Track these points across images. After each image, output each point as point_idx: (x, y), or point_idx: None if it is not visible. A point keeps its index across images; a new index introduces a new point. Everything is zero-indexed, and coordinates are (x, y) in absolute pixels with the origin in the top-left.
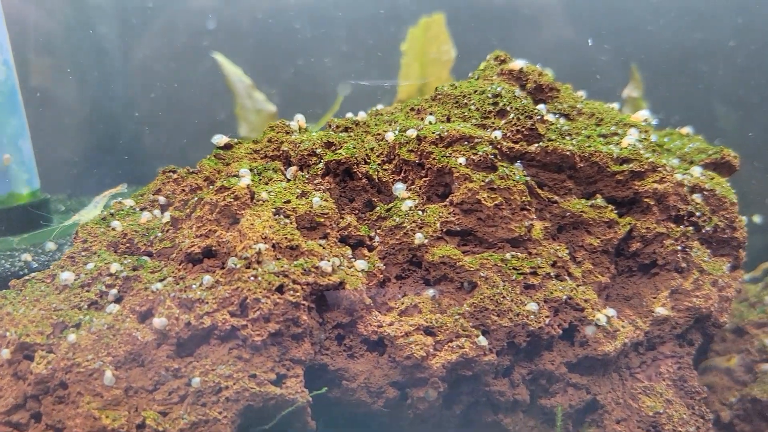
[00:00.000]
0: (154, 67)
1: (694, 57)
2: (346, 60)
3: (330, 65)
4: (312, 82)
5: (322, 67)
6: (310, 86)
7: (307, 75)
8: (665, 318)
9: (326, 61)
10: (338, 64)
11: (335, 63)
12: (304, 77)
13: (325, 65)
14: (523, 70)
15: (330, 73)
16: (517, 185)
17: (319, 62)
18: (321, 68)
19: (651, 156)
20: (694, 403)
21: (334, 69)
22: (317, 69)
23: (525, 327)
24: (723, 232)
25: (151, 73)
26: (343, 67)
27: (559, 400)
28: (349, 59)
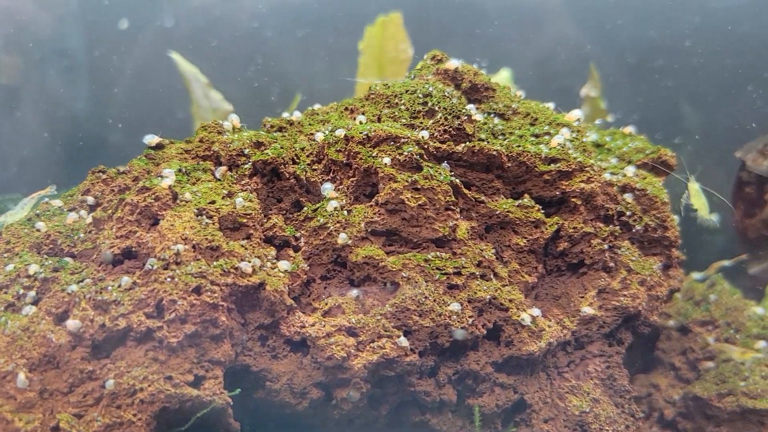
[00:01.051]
0: (113, 65)
1: (653, 56)
2: (307, 59)
3: (291, 64)
4: (273, 81)
5: (283, 66)
6: (270, 85)
7: (268, 74)
8: (592, 317)
9: (287, 60)
10: (299, 62)
11: (296, 62)
12: (265, 76)
13: (286, 64)
14: (459, 69)
15: (291, 72)
16: (442, 185)
17: (279, 61)
18: (282, 67)
19: (579, 156)
20: (623, 402)
21: (295, 68)
22: (278, 68)
23: (448, 327)
24: (654, 232)
25: (111, 71)
26: (304, 66)
27: (486, 400)
28: (310, 58)
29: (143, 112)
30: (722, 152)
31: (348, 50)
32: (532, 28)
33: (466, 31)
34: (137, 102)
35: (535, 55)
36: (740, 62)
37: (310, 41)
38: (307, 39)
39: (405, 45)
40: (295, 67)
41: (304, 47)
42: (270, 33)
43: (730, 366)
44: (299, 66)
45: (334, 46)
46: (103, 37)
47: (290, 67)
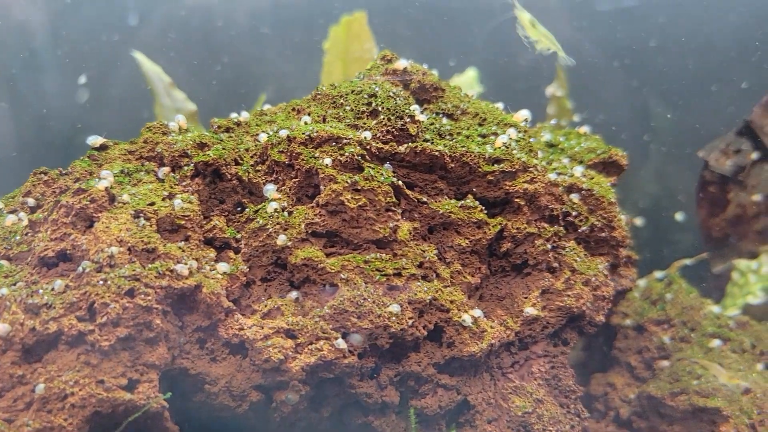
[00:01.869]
0: (78, 64)
1: (620, 56)
2: (273, 58)
3: (257, 63)
4: (239, 80)
5: (250, 65)
6: (237, 85)
7: (234, 73)
8: (535, 318)
9: (254, 59)
10: (266, 62)
11: (263, 61)
12: (231, 75)
13: (252, 63)
14: (407, 69)
15: (258, 72)
16: (382, 186)
17: (246, 60)
18: (248, 66)
19: (523, 156)
20: (569, 402)
21: (260, 67)
22: (245, 67)
23: (387, 329)
24: (601, 232)
25: (76, 70)
26: (269, 65)
27: (429, 402)
28: (276, 57)
29: (109, 113)
30: (688, 152)
31: (315, 49)
32: (499, 27)
33: (435, 30)
34: (102, 102)
35: (503, 54)
36: (705, 62)
37: (275, 40)
38: (273, 38)
39: (370, 44)
40: (261, 67)
41: (270, 46)
42: (234, 32)
43: (683, 365)
44: (266, 65)
45: (300, 45)
46: (68, 36)
47: (257, 67)
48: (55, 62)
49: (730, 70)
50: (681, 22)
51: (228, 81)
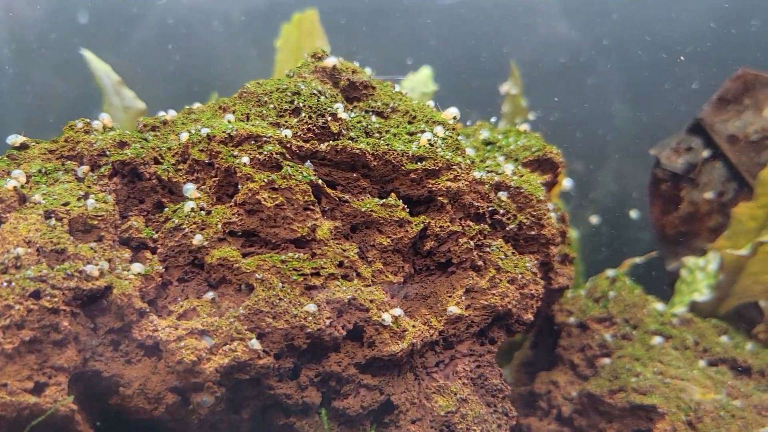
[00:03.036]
0: (27, 63)
1: (575, 54)
2: (224, 55)
3: (208, 61)
4: (190, 78)
5: (202, 63)
6: (188, 83)
7: (186, 71)
8: (459, 317)
9: (206, 57)
10: (217, 59)
11: (214, 59)
12: (183, 73)
13: (204, 61)
14: (337, 67)
15: (208, 69)
16: (300, 185)
17: (198, 58)
18: (199, 64)
19: (447, 154)
20: (496, 401)
21: (213, 65)
22: (196, 65)
23: (303, 329)
24: (530, 230)
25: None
26: (222, 63)
27: (351, 402)
28: (228, 55)
29: (60, 111)
30: (645, 149)
31: (268, 47)
32: (455, 26)
33: (391, 29)
34: (52, 101)
35: (459, 52)
36: (657, 60)
37: (228, 38)
38: (225, 35)
39: (322, 42)
40: (214, 65)
41: (223, 44)
42: (185, 30)
43: (623, 362)
44: (218, 63)
45: (253, 43)
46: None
47: (209, 65)
48: (4, 60)
49: (685, 67)
50: (635, 20)
51: (180, 79)
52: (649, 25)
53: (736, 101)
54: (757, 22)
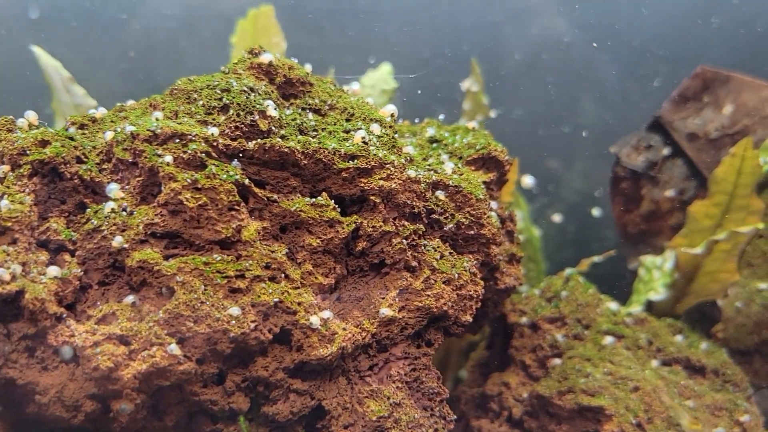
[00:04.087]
0: None
1: (536, 52)
2: (179, 52)
3: (163, 58)
4: (144, 75)
5: (156, 60)
6: (143, 80)
7: (140, 68)
8: (392, 319)
9: (159, 53)
10: (171, 56)
11: (168, 55)
12: (137, 70)
13: (157, 58)
14: (273, 63)
15: (163, 66)
16: (224, 184)
17: (151, 55)
18: (154, 61)
19: (380, 152)
20: (432, 405)
21: (167, 62)
22: (150, 61)
23: (226, 333)
24: (469, 229)
25: None
26: (177, 60)
27: (281, 407)
28: (183, 51)
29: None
30: (606, 147)
31: (223, 44)
32: (417, 23)
33: (351, 26)
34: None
35: (421, 49)
36: (619, 59)
37: (183, 34)
38: (180, 32)
39: (278, 38)
40: (168, 61)
41: (177, 40)
42: (139, 25)
43: (574, 363)
44: (173, 60)
45: (208, 40)
46: None
47: (163, 61)
48: None
49: (648, 65)
50: (597, 18)
51: (133, 76)
52: (612, 23)
53: (696, 99)
54: (718, 19)
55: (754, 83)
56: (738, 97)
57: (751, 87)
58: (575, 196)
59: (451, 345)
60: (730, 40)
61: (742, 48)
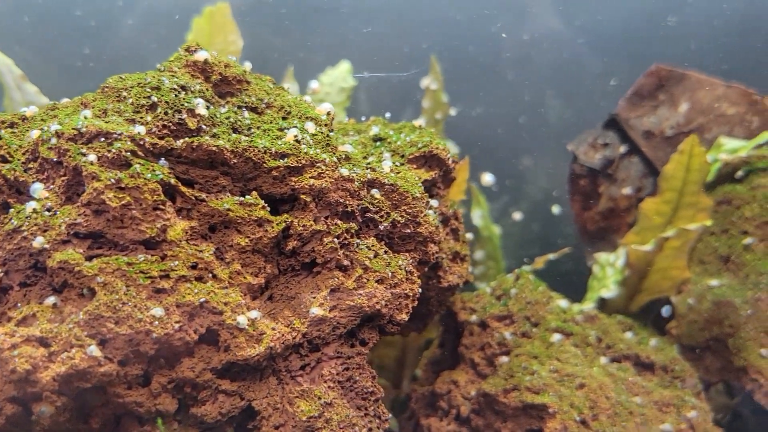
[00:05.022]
0: None
1: (496, 49)
2: (134, 49)
3: (118, 55)
4: (99, 72)
5: (110, 57)
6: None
7: (95, 65)
8: (322, 318)
9: (116, 51)
10: (127, 54)
11: (123, 53)
12: (91, 67)
13: (112, 55)
14: (208, 61)
15: (118, 64)
16: (149, 184)
17: (105, 52)
18: (108, 58)
19: (311, 150)
20: (367, 404)
21: (122, 59)
22: (104, 59)
23: (149, 334)
24: (405, 228)
25: None
26: (132, 58)
27: (209, 409)
28: (138, 49)
29: None
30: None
31: (179, 42)
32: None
33: (311, 23)
34: None
35: (381, 47)
36: (577, 56)
37: (139, 31)
38: (136, 29)
39: (234, 36)
40: (123, 59)
41: (133, 37)
42: (94, 22)
43: (520, 360)
44: (128, 58)
45: (164, 37)
46: None
47: (118, 59)
48: None
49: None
50: (555, 15)
51: (88, 74)
52: (570, 21)
53: (651, 97)
54: (674, 18)
55: (709, 81)
56: (693, 95)
57: (706, 85)
58: (540, 193)
59: (408, 343)
60: (687, 38)
61: (699, 46)
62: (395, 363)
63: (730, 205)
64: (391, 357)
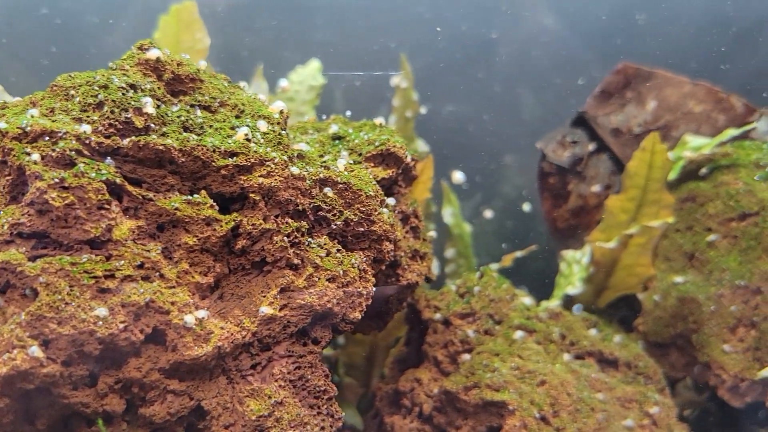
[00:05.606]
0: None
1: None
2: (101, 48)
3: (86, 53)
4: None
5: (77, 56)
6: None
7: (62, 64)
8: (272, 317)
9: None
10: (93, 52)
11: (90, 52)
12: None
13: (79, 54)
14: (160, 59)
15: (84, 63)
16: (93, 183)
17: (72, 50)
18: (75, 57)
19: (261, 149)
20: (319, 403)
21: (89, 58)
22: (71, 57)
23: (93, 334)
24: (359, 226)
25: None
26: (99, 56)
27: (157, 409)
28: (105, 47)
29: None
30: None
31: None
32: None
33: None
34: None
35: (352, 46)
36: (547, 54)
37: (105, 30)
38: (102, 27)
39: (201, 34)
40: (90, 58)
41: (99, 36)
42: (60, 20)
43: (482, 358)
44: (95, 56)
45: (132, 36)
46: None
47: (85, 58)
48: None
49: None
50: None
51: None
52: (540, 19)
53: (619, 95)
54: (643, 15)
55: (676, 79)
56: (660, 92)
57: (673, 83)
58: (514, 191)
59: (377, 342)
60: (655, 36)
61: (667, 44)
62: (364, 361)
63: (694, 203)
64: (360, 355)
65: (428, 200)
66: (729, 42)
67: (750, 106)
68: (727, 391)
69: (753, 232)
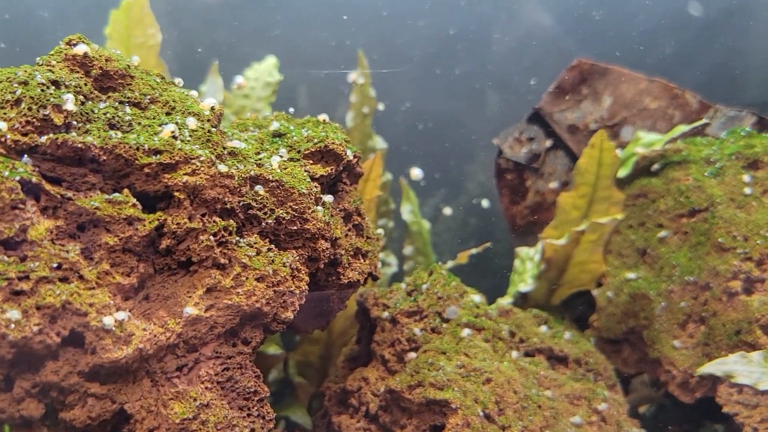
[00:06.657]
0: None
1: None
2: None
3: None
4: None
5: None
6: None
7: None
8: (197, 318)
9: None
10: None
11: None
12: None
13: (28, 51)
14: (88, 55)
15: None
16: (6, 182)
17: (21, 47)
18: (24, 54)
19: (187, 147)
20: (250, 405)
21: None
22: (20, 55)
23: (5, 337)
24: (292, 224)
25: None
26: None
27: (77, 413)
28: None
29: None
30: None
31: (98, 36)
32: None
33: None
34: None
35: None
36: (506, 52)
37: (55, 25)
38: (52, 23)
39: (154, 30)
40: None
41: (50, 31)
42: (9, 15)
43: (428, 356)
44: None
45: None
46: None
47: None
48: None
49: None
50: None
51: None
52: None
53: (574, 91)
54: (600, 12)
55: (632, 76)
56: (616, 89)
57: (629, 79)
58: (477, 188)
59: (333, 340)
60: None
61: (624, 41)
62: (319, 360)
63: (646, 199)
64: (316, 354)
65: (387, 197)
66: (685, 37)
67: (705, 103)
68: (677, 387)
69: (702, 228)
